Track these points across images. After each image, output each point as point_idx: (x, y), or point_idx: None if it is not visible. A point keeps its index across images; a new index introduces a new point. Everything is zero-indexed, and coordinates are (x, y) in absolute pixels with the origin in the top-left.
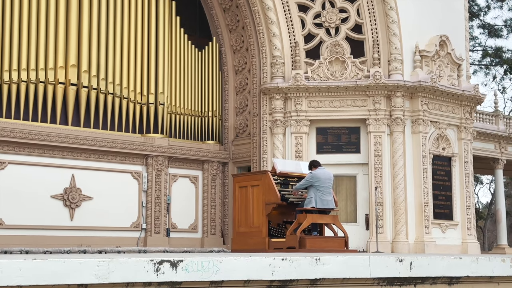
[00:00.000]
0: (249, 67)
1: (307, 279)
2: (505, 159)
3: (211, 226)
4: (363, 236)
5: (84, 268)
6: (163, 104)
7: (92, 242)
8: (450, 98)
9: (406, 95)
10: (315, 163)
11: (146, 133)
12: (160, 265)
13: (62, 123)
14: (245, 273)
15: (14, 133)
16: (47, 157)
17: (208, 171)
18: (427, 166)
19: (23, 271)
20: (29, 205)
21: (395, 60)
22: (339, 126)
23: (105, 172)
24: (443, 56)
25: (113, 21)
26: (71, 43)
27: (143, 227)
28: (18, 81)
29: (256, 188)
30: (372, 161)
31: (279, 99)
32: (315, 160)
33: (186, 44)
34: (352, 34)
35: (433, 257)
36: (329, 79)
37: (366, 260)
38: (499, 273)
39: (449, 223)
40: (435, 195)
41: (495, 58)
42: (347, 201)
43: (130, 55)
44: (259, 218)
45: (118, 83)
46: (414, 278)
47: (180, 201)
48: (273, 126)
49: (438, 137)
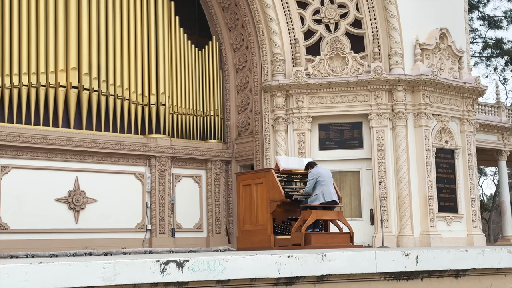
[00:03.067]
0: (249, 65)
1: (313, 275)
2: (508, 150)
3: (216, 225)
4: (368, 231)
5: (90, 270)
6: (165, 104)
7: (97, 244)
8: (451, 91)
9: (407, 89)
10: (311, 164)
11: (149, 134)
12: (166, 266)
13: (64, 126)
14: (251, 271)
15: (16, 138)
16: (50, 161)
17: (212, 170)
18: (430, 160)
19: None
20: (34, 209)
21: (396, 54)
22: (341, 122)
23: (108, 174)
24: (443, 49)
25: (113, 23)
26: (71, 46)
27: (148, 228)
28: (19, 86)
29: (260, 186)
30: (375, 156)
31: (280, 96)
32: (310, 161)
33: (186, 44)
34: (352, 29)
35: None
36: (330, 75)
37: (372, 255)
38: (506, 264)
39: (454, 215)
40: (439, 188)
41: (495, 50)
42: (351, 196)
43: (130, 56)
44: (263, 216)
45: (119, 84)
46: (421, 272)
47: (184, 201)
48: (275, 124)
49: (441, 130)
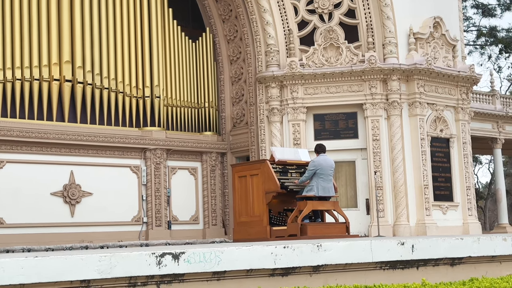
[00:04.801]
0: (243, 57)
1: (309, 266)
2: (503, 138)
3: (212, 217)
4: (364, 221)
5: (86, 264)
6: (159, 97)
7: (93, 238)
8: (446, 80)
9: (402, 78)
10: (318, 149)
11: (143, 126)
12: (162, 258)
13: (59, 120)
14: (247, 263)
15: (11, 132)
16: (45, 155)
17: (207, 162)
18: (425, 149)
19: (25, 269)
20: (29, 203)
21: (390, 43)
22: (336, 112)
23: (104, 167)
24: (437, 37)
25: (106, 15)
26: (64, 39)
27: (144, 220)
28: (12, 80)
29: (255, 177)
30: (371, 146)
31: (275, 87)
32: (320, 145)
33: (179, 36)
34: (346, 19)
35: (435, 239)
36: (324, 65)
37: (368, 245)
38: (501, 252)
39: (450, 204)
40: (435, 177)
41: (489, 38)
42: (347, 186)
43: (124, 49)
44: (259, 207)
45: (113, 77)
46: (417, 260)
47: (180, 193)
48: (270, 115)
49: (436, 119)
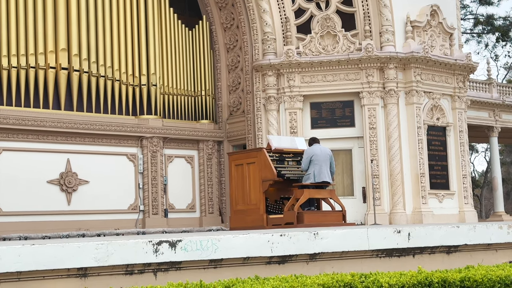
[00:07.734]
0: (240, 45)
1: (306, 253)
2: (499, 126)
3: (209, 205)
4: (361, 209)
5: (83, 251)
6: (156, 85)
7: (90, 226)
8: (443, 68)
9: (398, 66)
10: (310, 141)
11: (140, 114)
12: (159, 246)
13: (55, 108)
14: (244, 250)
15: (7, 120)
16: (41, 143)
17: (204, 150)
18: (422, 137)
19: (22, 257)
20: (26, 191)
21: (387, 31)
22: (333, 100)
23: (100, 155)
24: (434, 26)
25: (102, 3)
26: (60, 27)
27: (141, 208)
28: (8, 67)
29: (252, 166)
30: (367, 134)
31: (271, 75)
32: (313, 138)
33: (176, 24)
34: (343, 7)
35: (431, 227)
36: (321, 53)
37: (364, 233)
38: (497, 240)
39: (446, 192)
40: (431, 166)
41: (486, 26)
42: (343, 174)
43: (120, 37)
44: (256, 195)
45: (109, 65)
46: (413, 248)
47: (177, 182)
48: (267, 103)
49: (432, 107)
